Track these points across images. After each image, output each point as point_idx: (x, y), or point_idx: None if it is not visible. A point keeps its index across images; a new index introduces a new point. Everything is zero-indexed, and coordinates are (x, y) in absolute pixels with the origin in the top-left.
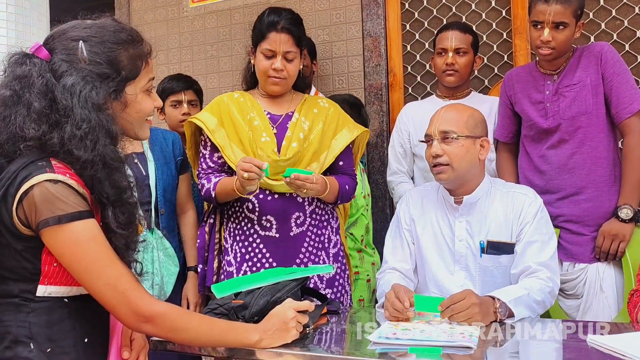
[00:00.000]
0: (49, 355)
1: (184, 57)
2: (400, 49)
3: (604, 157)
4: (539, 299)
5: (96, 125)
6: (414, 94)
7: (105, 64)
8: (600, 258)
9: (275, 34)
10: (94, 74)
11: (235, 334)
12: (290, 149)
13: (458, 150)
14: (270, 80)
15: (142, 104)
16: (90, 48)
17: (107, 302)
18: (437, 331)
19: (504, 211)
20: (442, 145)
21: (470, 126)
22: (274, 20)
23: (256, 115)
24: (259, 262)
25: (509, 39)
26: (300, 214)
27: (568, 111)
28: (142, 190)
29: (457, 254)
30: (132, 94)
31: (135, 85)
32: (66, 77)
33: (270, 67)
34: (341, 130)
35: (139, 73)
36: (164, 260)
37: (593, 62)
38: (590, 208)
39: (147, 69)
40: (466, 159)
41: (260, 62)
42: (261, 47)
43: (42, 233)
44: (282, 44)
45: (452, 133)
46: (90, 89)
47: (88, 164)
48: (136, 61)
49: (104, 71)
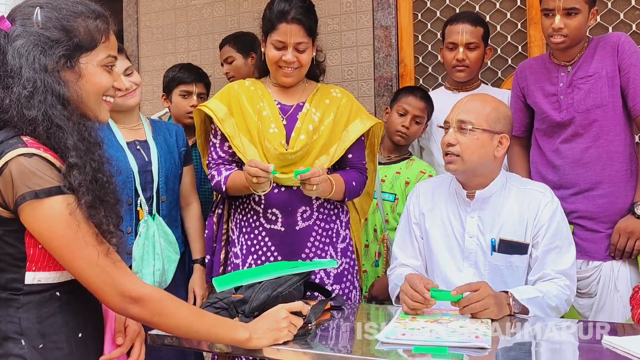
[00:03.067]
0: (41, 351)
1: (192, 46)
2: (411, 39)
3: (620, 152)
4: (553, 304)
5: (42, 85)
6: (425, 85)
7: (57, 29)
8: (615, 256)
9: (285, 25)
10: (44, 37)
11: (224, 329)
12: (298, 142)
13: (472, 142)
14: (281, 71)
15: (97, 77)
16: (45, 14)
17: (90, 283)
18: (447, 331)
19: (519, 209)
20: (457, 134)
21: (491, 120)
22: (284, 10)
23: (266, 104)
24: (264, 255)
25: (523, 29)
26: (307, 207)
27: (582, 104)
28: (144, 176)
29: (467, 251)
30: (86, 64)
31: (91, 57)
32: (18, 40)
33: (281, 58)
34: (353, 121)
35: (96, 45)
36: (165, 247)
37: (609, 53)
38: (606, 204)
39: (107, 44)
40: (479, 153)
41: (270, 53)
42: (271, 37)
43: (20, 210)
44: (293, 35)
45: (469, 124)
46: (40, 51)
47: (38, 123)
48: (94, 33)
49: (56, 35)
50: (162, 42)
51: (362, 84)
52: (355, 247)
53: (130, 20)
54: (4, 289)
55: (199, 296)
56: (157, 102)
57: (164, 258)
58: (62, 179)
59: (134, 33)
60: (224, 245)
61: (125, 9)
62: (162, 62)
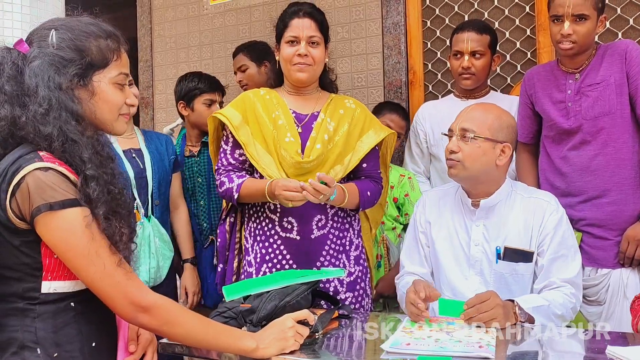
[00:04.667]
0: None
1: (204, 55)
2: (420, 46)
3: (628, 159)
4: (559, 312)
5: (57, 103)
6: (435, 92)
7: (70, 49)
8: (624, 264)
9: (297, 20)
10: (59, 57)
11: (231, 338)
12: (314, 151)
13: (473, 150)
14: (296, 67)
15: (111, 95)
16: (59, 35)
17: (102, 292)
18: (452, 340)
19: (524, 217)
20: (460, 142)
21: (494, 129)
22: (295, 9)
23: (281, 113)
24: (279, 263)
25: (532, 35)
26: (322, 216)
27: (590, 111)
28: (140, 182)
29: (473, 259)
30: (99, 82)
31: (103, 74)
32: (35, 61)
33: (295, 54)
34: (367, 132)
35: (108, 64)
36: (160, 246)
37: (617, 60)
38: (614, 212)
39: (119, 62)
40: (480, 161)
41: (284, 51)
42: (285, 36)
43: (35, 222)
44: (306, 29)
45: (471, 132)
46: (54, 71)
47: (54, 138)
48: (105, 52)
49: (69, 55)
50: (175, 51)
51: (371, 90)
52: (367, 256)
53: (144, 29)
54: (21, 298)
55: (191, 292)
56: (171, 110)
57: (158, 256)
58: (78, 191)
59: (147, 42)
60: (237, 254)
61: (139, 19)
62: (176, 70)
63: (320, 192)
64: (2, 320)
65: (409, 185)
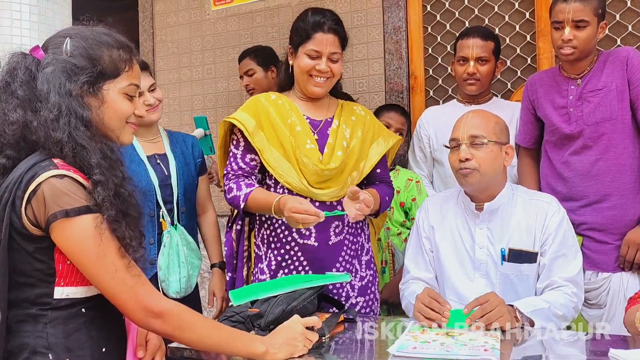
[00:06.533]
0: None
1: (207, 60)
2: (421, 51)
3: (628, 165)
4: (560, 313)
5: (66, 109)
6: (435, 97)
7: (83, 57)
8: (624, 267)
9: (322, 35)
10: (71, 64)
11: (242, 342)
12: (335, 157)
13: (487, 155)
14: (312, 81)
15: (119, 104)
16: (73, 43)
17: (115, 297)
18: (457, 344)
19: (526, 219)
20: (471, 149)
21: (497, 132)
22: (320, 21)
23: (297, 120)
24: (295, 269)
25: (532, 41)
26: (339, 222)
27: (592, 117)
28: (164, 189)
29: (478, 262)
30: (109, 91)
31: (114, 84)
32: (48, 68)
33: (314, 68)
34: (377, 139)
35: (119, 74)
36: (188, 254)
37: (619, 67)
38: (615, 216)
39: (130, 73)
40: (494, 165)
41: (303, 62)
42: (305, 47)
43: (51, 229)
44: (329, 45)
45: (482, 138)
46: (66, 77)
47: (64, 144)
48: (117, 62)
49: (81, 63)
50: (177, 55)
51: (373, 95)
52: (375, 260)
53: (146, 34)
54: (33, 304)
55: (219, 298)
56: (173, 114)
57: (188, 265)
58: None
59: (149, 47)
60: (246, 262)
61: (141, 24)
62: (178, 75)
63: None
64: (15, 326)
65: (416, 189)
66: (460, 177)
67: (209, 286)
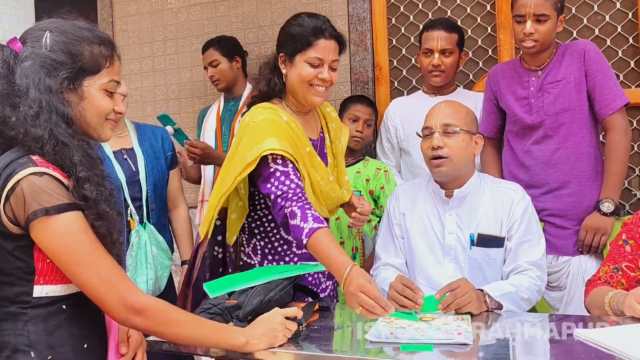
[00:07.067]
0: None
1: (169, 50)
2: (386, 42)
3: (586, 153)
4: (525, 296)
5: (47, 105)
6: (400, 88)
7: (62, 52)
8: (582, 251)
9: (324, 41)
10: (50, 59)
11: (223, 335)
12: (345, 183)
13: (459, 144)
14: (313, 90)
15: (98, 101)
16: (53, 37)
17: (97, 295)
18: (432, 329)
19: (494, 206)
20: (444, 138)
21: (469, 122)
22: (320, 27)
23: (310, 149)
24: None
25: (493, 33)
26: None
27: (552, 107)
28: (132, 186)
29: (447, 247)
30: (89, 88)
31: (94, 80)
32: (26, 62)
33: (316, 76)
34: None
35: (100, 70)
36: (157, 254)
37: (576, 59)
38: (573, 202)
39: (111, 69)
40: (465, 154)
41: (304, 70)
42: (306, 55)
43: (31, 227)
44: (331, 52)
45: (455, 126)
46: (45, 73)
47: (45, 141)
48: (98, 58)
49: (61, 58)
50: (138, 45)
51: (339, 86)
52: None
53: (105, 24)
54: (12, 302)
55: None
56: (135, 105)
57: (156, 266)
58: (72, 194)
59: None
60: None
61: (100, 13)
62: (140, 65)
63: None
64: None
65: (384, 178)
66: (433, 167)
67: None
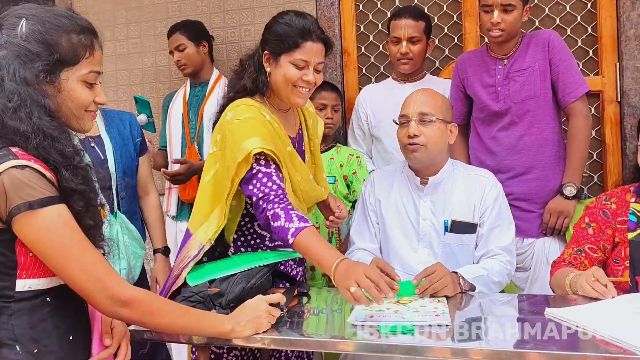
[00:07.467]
0: (36, 356)
1: (132, 34)
2: (354, 29)
3: (550, 139)
4: (496, 279)
5: (27, 98)
6: (368, 75)
7: (38, 42)
8: (546, 233)
9: (311, 44)
10: (25, 50)
11: (209, 323)
12: (323, 181)
13: (434, 132)
14: (297, 92)
15: (77, 93)
16: (30, 26)
17: (82, 288)
18: (410, 311)
19: (467, 193)
20: (420, 126)
21: (444, 111)
22: (308, 28)
23: (291, 149)
24: None
25: (459, 21)
26: None
27: (518, 95)
28: (101, 174)
29: (422, 233)
30: (67, 80)
31: (72, 72)
32: (1, 51)
33: (301, 78)
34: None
35: (78, 61)
36: (129, 244)
37: (541, 48)
38: (538, 187)
39: (91, 59)
40: (440, 142)
41: (289, 72)
42: (292, 56)
43: (14, 222)
44: (317, 55)
45: (431, 115)
46: (20, 64)
47: (30, 135)
48: (77, 48)
49: (37, 49)
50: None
51: None
52: None
53: (64, 5)
54: None
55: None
56: None
57: (129, 256)
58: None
59: None
60: None
61: None
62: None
63: None
64: None
65: (357, 164)
66: (408, 152)
67: (152, 272)
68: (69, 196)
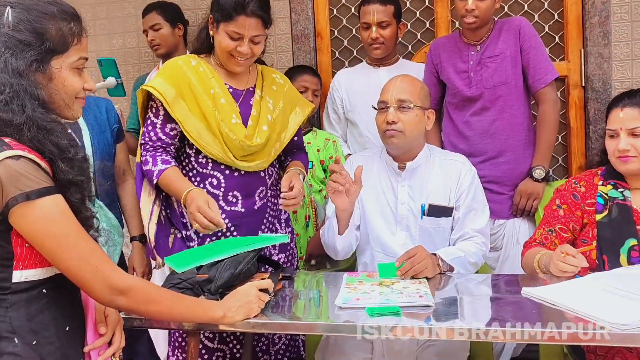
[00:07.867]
0: (35, 347)
1: (99, 15)
2: (327, 12)
3: (520, 124)
4: (472, 260)
5: (19, 89)
6: (341, 58)
7: (28, 31)
8: (516, 214)
9: (244, 18)
10: (15, 39)
11: (202, 309)
12: (261, 133)
13: (412, 119)
14: (233, 60)
15: (69, 80)
16: (16, 14)
17: (80, 277)
18: (394, 292)
19: (443, 177)
20: (398, 113)
21: (422, 98)
22: (242, 3)
23: (220, 91)
24: (224, 235)
25: (431, 6)
26: (263, 187)
27: (490, 81)
28: None
29: (400, 216)
30: (58, 68)
31: (62, 60)
32: None
33: (235, 49)
34: (295, 108)
35: (68, 48)
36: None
37: (512, 35)
38: (508, 170)
39: (79, 46)
40: (417, 128)
41: (224, 41)
42: (226, 27)
43: (11, 213)
44: (251, 28)
45: (409, 102)
46: (10, 54)
47: (24, 127)
48: (66, 35)
49: (27, 38)
50: None
51: (280, 55)
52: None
53: None
54: None
55: (139, 273)
56: None
57: (107, 243)
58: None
59: None
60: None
61: None
62: None
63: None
64: None
65: (333, 148)
66: (386, 138)
67: (129, 260)
68: (66, 188)
